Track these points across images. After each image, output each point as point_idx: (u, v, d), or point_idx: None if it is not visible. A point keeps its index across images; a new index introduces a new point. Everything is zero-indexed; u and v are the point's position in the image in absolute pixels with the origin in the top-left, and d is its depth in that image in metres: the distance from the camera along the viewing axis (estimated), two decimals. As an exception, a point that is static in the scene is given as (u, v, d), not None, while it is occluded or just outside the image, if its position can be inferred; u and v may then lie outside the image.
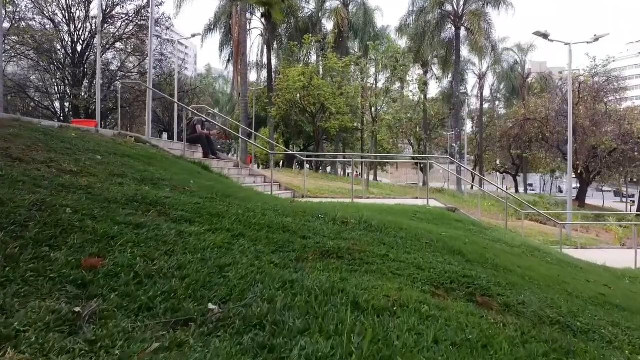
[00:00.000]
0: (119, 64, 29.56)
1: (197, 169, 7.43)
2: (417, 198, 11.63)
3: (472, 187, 33.48)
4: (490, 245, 5.71)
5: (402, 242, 4.17)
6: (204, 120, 10.07)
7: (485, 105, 43.46)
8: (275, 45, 30.11)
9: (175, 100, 18.43)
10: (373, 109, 16.79)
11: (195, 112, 10.55)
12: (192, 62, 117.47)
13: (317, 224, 4.30)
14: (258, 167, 36.72)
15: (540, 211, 12.62)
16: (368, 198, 11.40)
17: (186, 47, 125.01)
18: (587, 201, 33.90)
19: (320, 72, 22.96)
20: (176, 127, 9.36)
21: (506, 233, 7.86)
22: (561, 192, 69.61)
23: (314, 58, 26.44)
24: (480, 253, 4.69)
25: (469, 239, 5.70)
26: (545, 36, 14.28)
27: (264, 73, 31.26)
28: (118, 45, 28.35)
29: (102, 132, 7.67)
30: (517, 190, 43.84)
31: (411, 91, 20.24)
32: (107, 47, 27.50)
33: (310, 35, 21.38)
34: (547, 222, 17.80)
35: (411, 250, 3.93)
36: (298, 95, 20.07)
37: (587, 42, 14.63)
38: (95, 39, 17.09)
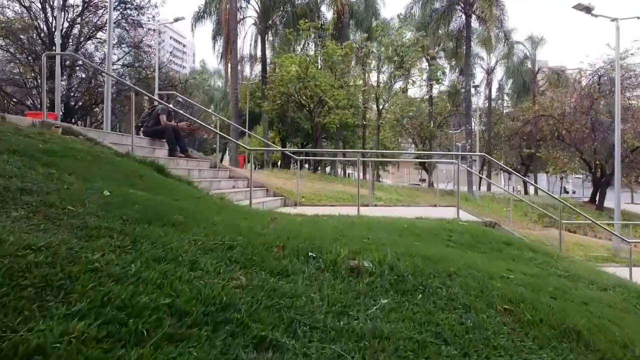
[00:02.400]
0: (103, 56, 27.42)
1: (144, 171, 5.33)
2: (435, 206, 9.53)
3: (479, 188, 31.38)
4: (584, 293, 3.62)
5: (472, 323, 2.06)
6: (170, 109, 7.96)
7: (493, 103, 41.38)
8: (270, 37, 28.01)
9: (155, 96, 16.29)
10: (379, 101, 14.69)
11: (156, 98, 8.47)
12: (190, 60, 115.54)
13: (301, 286, 2.20)
14: (255, 168, 34.57)
15: (601, 224, 10.38)
16: (375, 206, 9.31)
17: (184, 46, 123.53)
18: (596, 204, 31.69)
19: (319, 64, 20.85)
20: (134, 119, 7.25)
21: (575, 262, 5.76)
22: (567, 192, 67.45)
23: (312, 48, 24.30)
24: (595, 323, 2.60)
25: (549, 283, 3.60)
26: (588, 10, 12.23)
27: (260, 67, 29.20)
28: (101, 35, 26.23)
29: (10, 118, 5.58)
30: (526, 192, 41.82)
31: (425, 80, 18.07)
32: (88, 36, 25.44)
33: (307, 20, 19.22)
34: (576, 229, 15.74)
35: (502, 348, 1.83)
36: (293, 87, 17.94)
37: (638, 18, 12.60)
38: (56, 12, 15.06)
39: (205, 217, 3.61)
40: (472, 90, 26.90)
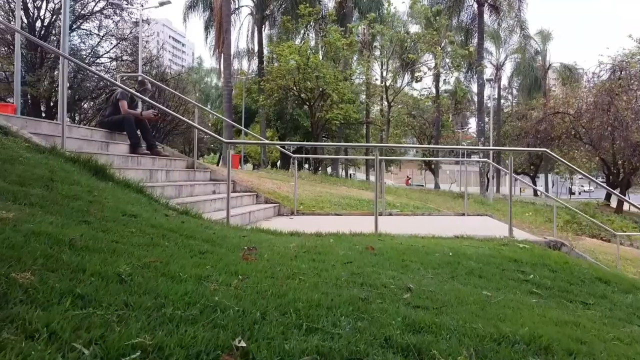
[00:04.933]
0: (90, 50, 25.65)
1: (68, 173, 3.64)
2: (463, 215, 7.82)
3: (486, 189, 29.54)
4: None
5: None
6: (133, 94, 6.22)
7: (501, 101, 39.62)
8: (267, 29, 26.24)
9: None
10: (389, 92, 12.92)
11: (116, 82, 6.77)
12: (189, 60, 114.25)
13: None
14: (254, 168, 32.69)
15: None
16: (390, 214, 7.59)
17: (183, 45, 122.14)
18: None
19: (320, 55, 19.09)
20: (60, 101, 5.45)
21: None
22: (572, 194, 65.64)
23: (312, 38, 22.50)
24: None
25: None
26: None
27: (257, 63, 27.42)
28: (87, 27, 24.43)
29: None
30: (535, 194, 40.14)
31: (444, 66, 16.23)
32: (73, 27, 23.65)
33: (307, 5, 17.40)
34: (610, 238, 14.02)
35: None
36: (292, 79, 16.17)
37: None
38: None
39: (111, 263, 1.90)
40: (492, 80, 25.05)
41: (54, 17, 23.31)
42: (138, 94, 6.15)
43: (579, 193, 66.62)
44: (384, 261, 3.14)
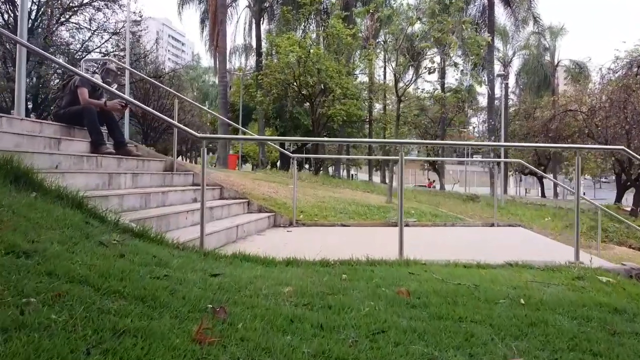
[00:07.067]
0: (81, 46, 24.44)
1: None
2: (493, 225, 6.63)
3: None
4: None
5: None
6: (94, 82, 5.03)
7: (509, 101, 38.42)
8: (266, 24, 25.09)
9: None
10: (398, 85, 11.78)
11: (73, 68, 5.61)
12: (188, 59, 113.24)
13: None
14: (253, 169, 31.47)
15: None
16: (407, 225, 6.42)
17: (183, 44, 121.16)
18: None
19: (322, 48, 17.94)
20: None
21: None
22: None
23: (313, 30, 21.31)
24: None
25: None
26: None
27: (255, 60, 26.25)
28: (75, 19, 23.17)
29: None
30: (543, 195, 39.00)
31: (459, 56, 15.02)
32: (60, 19, 22.44)
33: (308, -6, 16.25)
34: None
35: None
36: (292, 73, 15.00)
37: None
38: None
39: None
40: (504, 75, 23.86)
41: (40, 9, 22.20)
42: (99, 81, 4.97)
43: (583, 193, 65.15)
44: (432, 322, 1.98)
